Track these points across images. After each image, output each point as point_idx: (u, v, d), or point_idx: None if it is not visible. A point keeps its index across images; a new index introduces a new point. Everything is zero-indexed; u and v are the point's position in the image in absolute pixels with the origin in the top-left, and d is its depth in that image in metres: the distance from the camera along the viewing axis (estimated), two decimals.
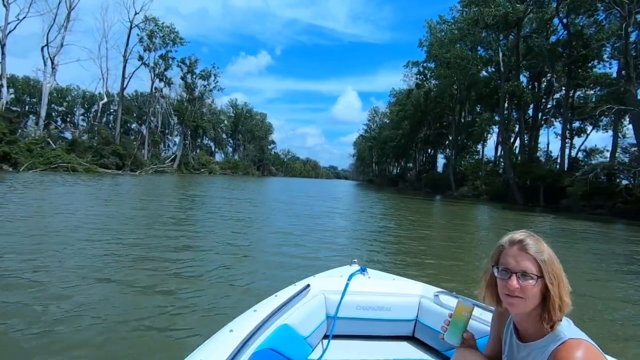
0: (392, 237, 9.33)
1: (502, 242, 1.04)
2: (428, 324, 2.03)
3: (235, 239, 7.19)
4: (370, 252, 6.89)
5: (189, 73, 57.07)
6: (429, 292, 2.11)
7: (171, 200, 15.02)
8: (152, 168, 43.70)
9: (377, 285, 2.18)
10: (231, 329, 1.44)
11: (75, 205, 10.54)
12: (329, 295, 2.06)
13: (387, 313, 2.07)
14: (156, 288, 3.96)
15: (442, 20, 41.69)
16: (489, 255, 1.08)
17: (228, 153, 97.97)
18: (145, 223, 8.33)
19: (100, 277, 4.17)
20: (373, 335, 2.11)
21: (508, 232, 1.05)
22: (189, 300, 3.68)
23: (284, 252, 6.24)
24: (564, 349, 0.89)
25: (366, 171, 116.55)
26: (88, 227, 7.12)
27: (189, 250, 5.97)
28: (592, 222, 16.62)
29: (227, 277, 4.54)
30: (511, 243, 1.00)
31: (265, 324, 1.54)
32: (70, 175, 26.79)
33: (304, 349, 1.81)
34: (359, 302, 2.07)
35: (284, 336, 1.62)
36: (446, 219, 16.27)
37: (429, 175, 50.36)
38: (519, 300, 0.96)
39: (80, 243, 5.75)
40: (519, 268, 0.96)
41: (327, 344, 1.98)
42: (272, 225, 9.78)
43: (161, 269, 4.69)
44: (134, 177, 31.82)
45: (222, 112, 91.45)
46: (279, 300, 1.76)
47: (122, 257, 5.12)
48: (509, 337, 1.11)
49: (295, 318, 1.77)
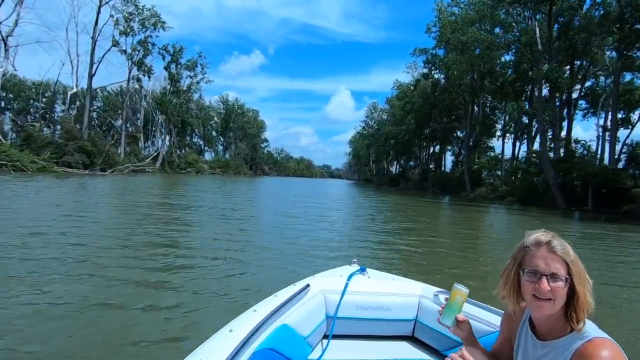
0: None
1: (526, 243, 1.01)
2: (428, 323, 2.01)
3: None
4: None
5: (173, 63, 51.74)
6: (429, 292, 2.09)
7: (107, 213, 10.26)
8: (128, 167, 38.51)
9: (376, 285, 2.17)
10: (231, 329, 1.43)
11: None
12: (329, 295, 2.05)
13: (386, 313, 2.06)
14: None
15: (454, 2, 37.30)
16: (509, 256, 1.06)
17: (218, 152, 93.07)
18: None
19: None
20: (373, 335, 2.10)
21: (528, 232, 1.03)
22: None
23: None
24: (590, 347, 0.89)
25: (363, 170, 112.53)
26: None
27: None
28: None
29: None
30: (538, 244, 0.98)
31: (264, 323, 1.53)
32: (12, 176, 21.67)
33: (303, 349, 1.80)
34: (358, 302, 2.05)
35: (284, 336, 1.62)
36: (489, 229, 12.12)
37: (437, 175, 45.91)
38: (547, 303, 0.95)
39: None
40: (549, 270, 0.95)
41: (326, 343, 1.96)
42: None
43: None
44: (102, 178, 26.82)
45: (211, 108, 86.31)
46: (279, 300, 1.75)
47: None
48: (524, 335, 1.10)
49: (295, 318, 1.76)
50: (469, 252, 7.67)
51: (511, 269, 1.04)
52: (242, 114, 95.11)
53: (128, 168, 38.51)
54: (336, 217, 12.72)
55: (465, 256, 6.99)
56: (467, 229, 11.75)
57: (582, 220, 16.50)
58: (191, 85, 60.38)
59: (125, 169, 38.12)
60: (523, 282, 1.00)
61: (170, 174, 50.72)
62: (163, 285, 4.09)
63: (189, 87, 60.95)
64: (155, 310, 3.36)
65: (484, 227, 13.06)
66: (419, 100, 43.89)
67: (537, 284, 0.95)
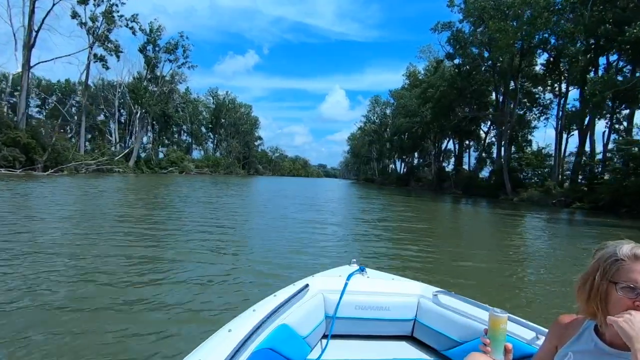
0: None
1: (620, 256, 0.94)
2: (427, 323, 2.00)
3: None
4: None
5: (150, 44, 44.05)
6: (428, 292, 2.08)
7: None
8: (86, 166, 30.87)
9: (376, 285, 2.15)
10: (230, 329, 1.42)
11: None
12: (328, 295, 2.03)
13: (386, 313, 2.04)
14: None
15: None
16: (589, 267, 1.00)
17: (208, 150, 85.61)
18: None
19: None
20: (372, 335, 2.08)
21: (610, 243, 0.97)
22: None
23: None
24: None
25: (363, 169, 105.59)
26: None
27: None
28: None
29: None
30: (636, 258, 0.92)
31: (264, 323, 1.52)
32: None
33: (302, 349, 1.79)
34: (357, 302, 2.03)
35: (283, 336, 1.61)
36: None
37: (463, 174, 38.78)
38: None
39: None
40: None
41: (326, 343, 1.94)
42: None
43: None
44: (36, 181, 19.33)
45: (199, 102, 78.66)
46: (278, 300, 1.73)
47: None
48: (588, 344, 1.05)
49: (294, 318, 1.74)
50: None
51: (599, 282, 0.96)
52: (233, 109, 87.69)
53: (87, 167, 30.85)
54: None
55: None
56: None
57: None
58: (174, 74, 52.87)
59: (83, 168, 30.49)
60: (615, 297, 0.93)
61: (148, 174, 43.15)
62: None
63: (172, 76, 53.46)
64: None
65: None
66: (443, 84, 36.55)
67: (636, 300, 0.90)
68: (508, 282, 5.24)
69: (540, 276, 5.72)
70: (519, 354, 1.40)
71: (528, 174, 32.07)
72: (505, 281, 5.24)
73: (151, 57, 44.11)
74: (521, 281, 5.39)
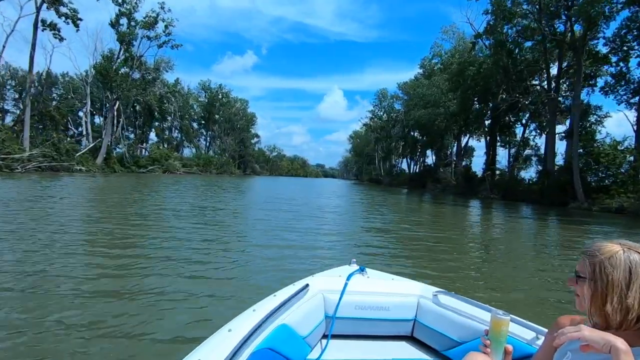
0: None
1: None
2: (427, 323, 1.98)
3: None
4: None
5: (124, 17, 36.55)
6: (428, 292, 2.07)
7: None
8: (23, 164, 23.35)
9: (376, 285, 2.13)
10: (230, 329, 1.41)
11: None
12: (328, 295, 2.01)
13: (385, 313, 2.03)
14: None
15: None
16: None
17: (200, 147, 78.27)
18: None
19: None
20: (372, 335, 2.06)
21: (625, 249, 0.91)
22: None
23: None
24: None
25: (367, 169, 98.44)
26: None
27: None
28: None
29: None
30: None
31: (264, 323, 1.51)
32: None
33: (302, 349, 1.78)
34: (357, 302, 2.02)
35: (283, 336, 1.60)
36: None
37: (506, 177, 31.48)
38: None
39: None
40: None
41: (325, 343, 1.93)
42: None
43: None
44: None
45: (190, 95, 71.20)
46: (278, 300, 1.72)
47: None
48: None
49: (294, 318, 1.73)
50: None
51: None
52: (228, 103, 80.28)
53: (23, 166, 23.31)
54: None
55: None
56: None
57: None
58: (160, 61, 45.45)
59: (22, 167, 23.01)
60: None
61: (121, 173, 35.71)
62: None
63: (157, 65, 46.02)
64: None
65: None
66: (487, 61, 29.10)
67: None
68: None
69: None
70: (519, 354, 1.39)
71: (599, 175, 24.89)
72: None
73: (125, 33, 36.59)
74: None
